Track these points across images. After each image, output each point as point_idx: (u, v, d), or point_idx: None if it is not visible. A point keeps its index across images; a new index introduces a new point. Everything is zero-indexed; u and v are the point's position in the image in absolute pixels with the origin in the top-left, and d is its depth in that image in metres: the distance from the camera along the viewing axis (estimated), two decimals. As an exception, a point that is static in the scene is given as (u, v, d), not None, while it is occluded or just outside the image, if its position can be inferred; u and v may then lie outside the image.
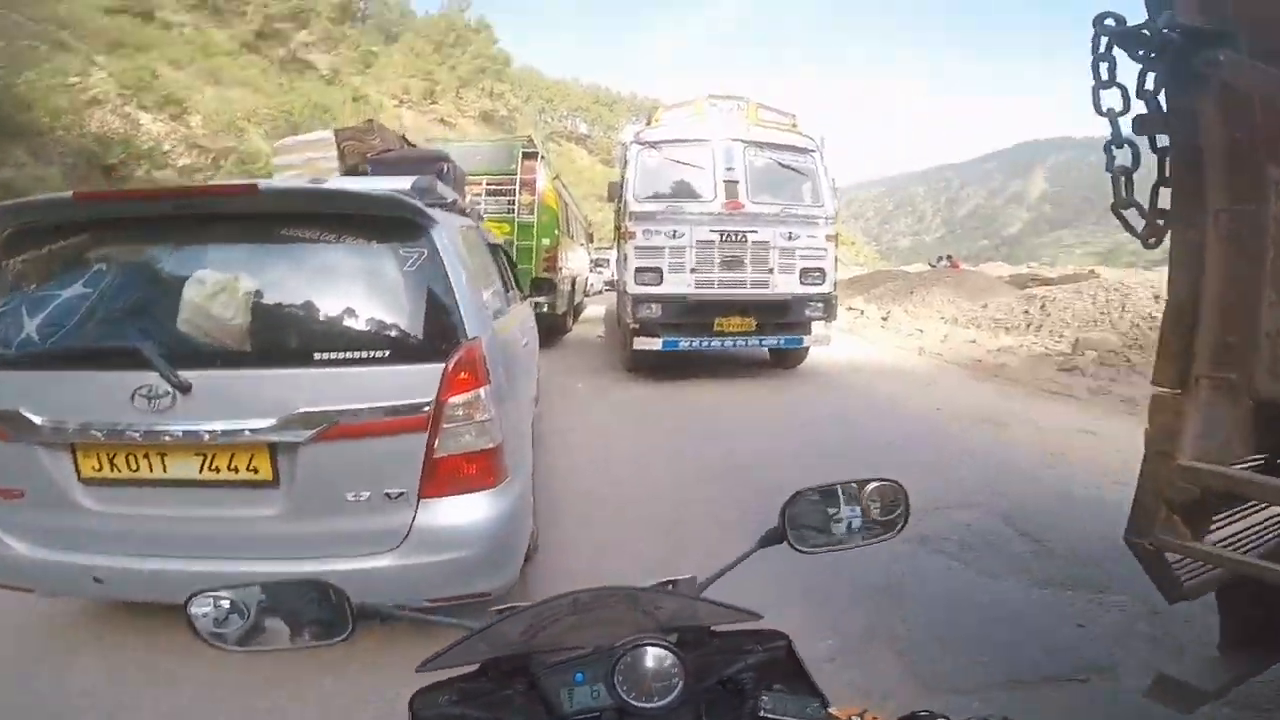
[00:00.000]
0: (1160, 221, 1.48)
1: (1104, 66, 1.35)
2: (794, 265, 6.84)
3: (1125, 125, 1.42)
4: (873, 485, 0.99)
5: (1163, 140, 1.46)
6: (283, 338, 1.92)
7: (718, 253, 6.63)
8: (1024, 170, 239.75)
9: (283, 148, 4.67)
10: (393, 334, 1.92)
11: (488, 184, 8.67)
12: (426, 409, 1.87)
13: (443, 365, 1.89)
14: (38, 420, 1.82)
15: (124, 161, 11.98)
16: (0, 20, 13.56)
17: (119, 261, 1.98)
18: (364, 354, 1.87)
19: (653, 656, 0.75)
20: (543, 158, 9.26)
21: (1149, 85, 1.35)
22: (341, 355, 1.86)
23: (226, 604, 0.82)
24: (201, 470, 1.88)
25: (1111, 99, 1.39)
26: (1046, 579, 2.76)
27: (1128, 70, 1.35)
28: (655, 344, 6.67)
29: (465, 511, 1.97)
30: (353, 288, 1.96)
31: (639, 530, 3.34)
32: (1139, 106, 1.38)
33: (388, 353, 1.89)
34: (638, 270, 6.62)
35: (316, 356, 1.86)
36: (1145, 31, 1.28)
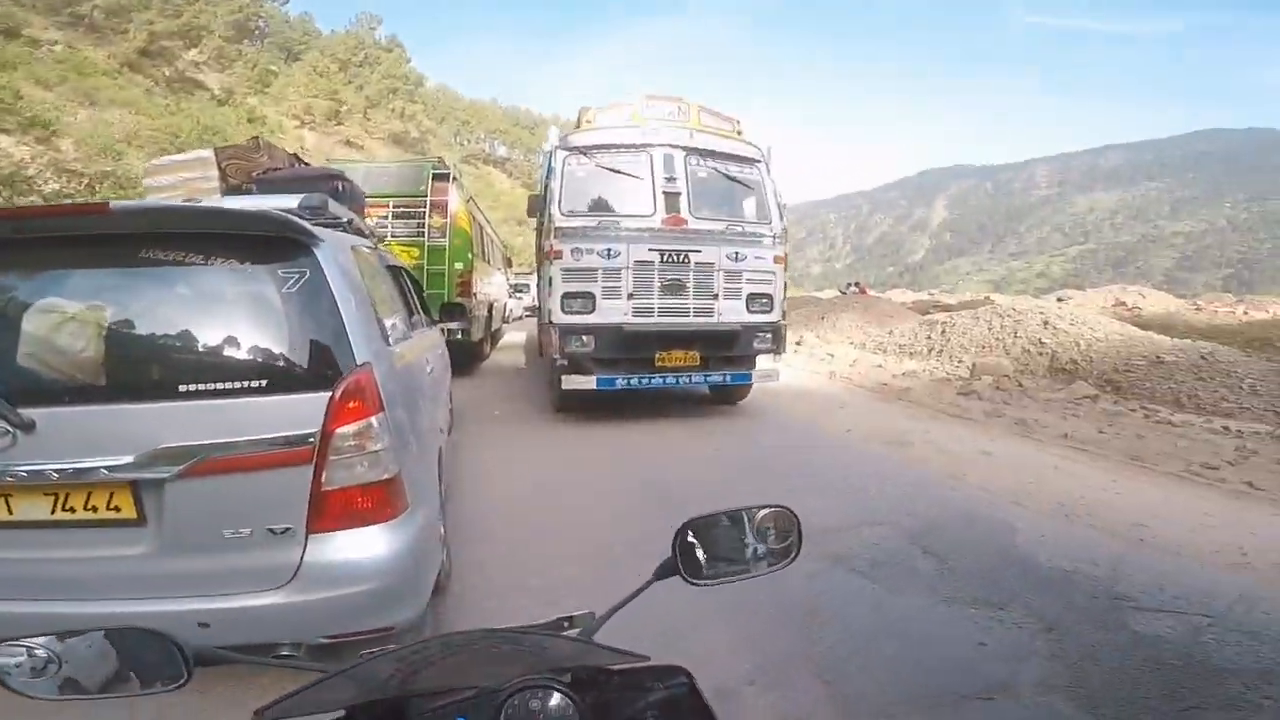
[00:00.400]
0: None
1: None
2: (740, 290, 6.03)
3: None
4: (765, 512, 0.96)
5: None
6: (143, 369, 1.76)
7: (658, 275, 5.75)
8: (927, 198, 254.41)
9: (154, 168, 4.28)
10: (272, 362, 1.79)
11: (395, 206, 8.39)
12: (311, 440, 1.75)
13: (329, 394, 1.78)
14: None
15: (-20, 189, 10.78)
16: None
17: None
18: (238, 384, 1.74)
19: (545, 698, 0.69)
20: (455, 179, 9.06)
21: None
22: (211, 387, 1.72)
23: (42, 654, 0.76)
24: (55, 510, 1.70)
25: None
26: (951, 596, 2.84)
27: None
28: (588, 383, 5.75)
29: (361, 545, 1.85)
30: (224, 313, 1.81)
31: (557, 558, 3.26)
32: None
33: (265, 382, 1.76)
34: (566, 296, 5.67)
35: (182, 389, 1.71)
36: None
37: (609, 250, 5.69)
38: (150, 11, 27.85)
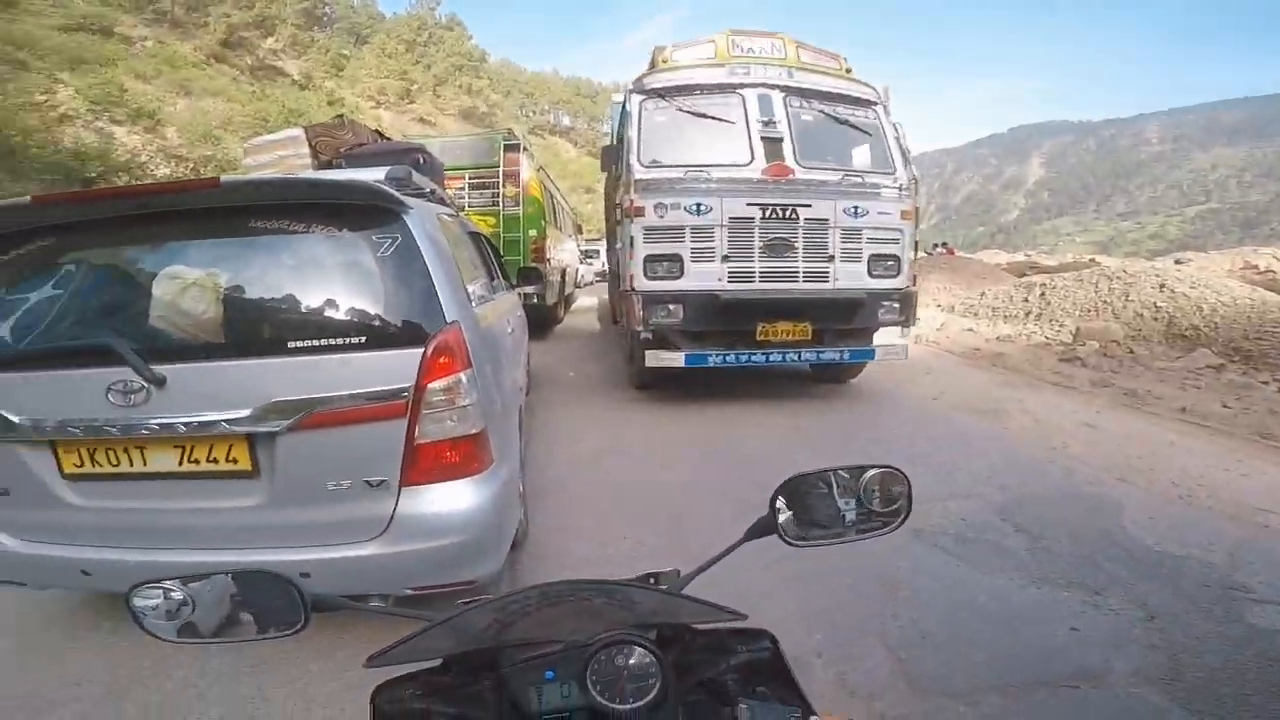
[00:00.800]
0: None
1: None
2: (860, 251, 5.11)
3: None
4: (872, 473, 0.91)
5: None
6: (257, 329, 1.89)
7: (759, 234, 4.91)
8: (1020, 155, 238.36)
9: (253, 147, 4.57)
10: (369, 320, 1.89)
11: (470, 178, 8.64)
12: (406, 395, 1.84)
13: (421, 350, 1.86)
14: (16, 420, 1.80)
15: (102, 175, 11.87)
16: None
17: (89, 262, 1.95)
18: (340, 341, 1.84)
19: (629, 655, 0.70)
20: (525, 149, 9.18)
21: None
22: (317, 343, 1.83)
23: (178, 595, 0.79)
24: (181, 462, 1.86)
25: None
26: (1042, 577, 2.69)
27: None
28: (675, 359, 4.97)
29: (449, 499, 1.94)
30: (326, 276, 1.92)
31: (632, 517, 3.31)
32: None
33: (364, 339, 1.85)
34: (649, 260, 4.92)
35: (291, 345, 1.83)
36: None
37: (698, 205, 4.87)
38: (225, 4, 29.21)
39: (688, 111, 5.10)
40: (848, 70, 5.56)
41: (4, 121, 10.34)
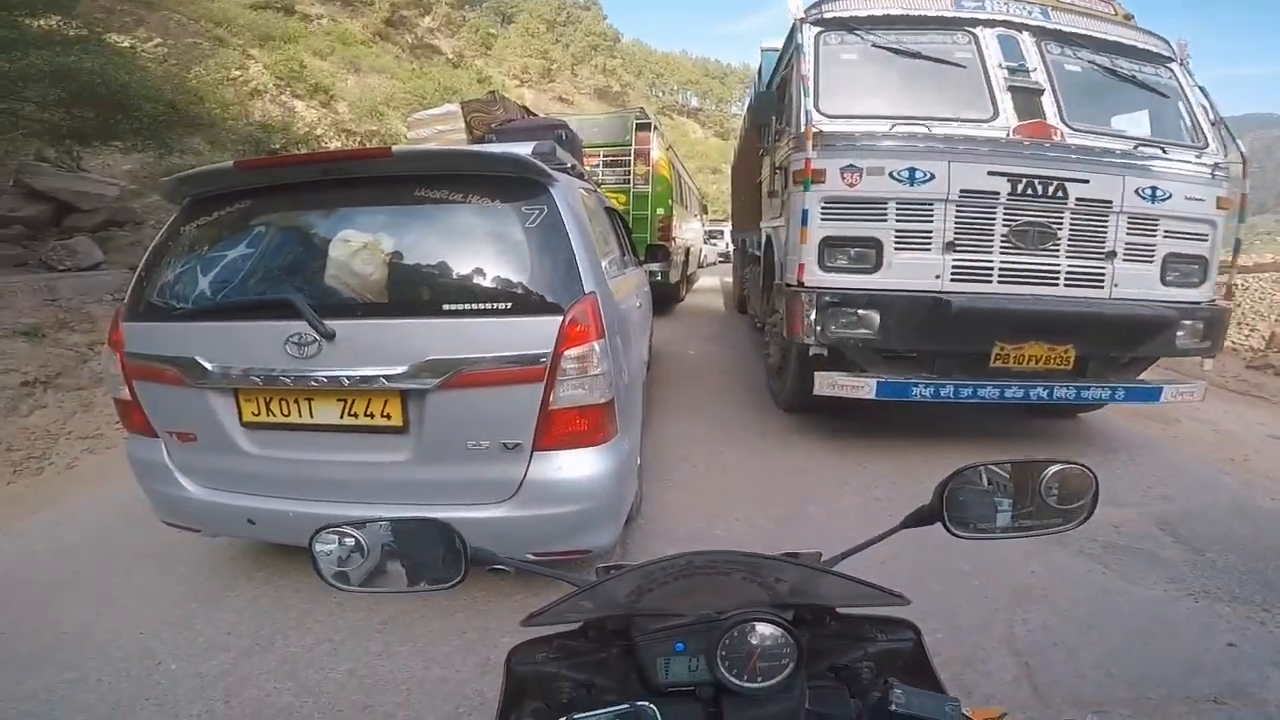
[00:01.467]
0: None
1: None
2: (1153, 248, 3.64)
3: None
4: (1054, 469, 0.85)
5: None
6: (416, 291, 2.02)
7: (1004, 216, 3.51)
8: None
9: (415, 122, 4.95)
10: (514, 288, 1.96)
11: (604, 155, 8.79)
12: (544, 360, 1.91)
13: (560, 318, 1.91)
14: (209, 366, 2.02)
15: (284, 146, 13.19)
16: (166, 19, 15.36)
17: (275, 224, 2.16)
18: (489, 306, 1.93)
19: (763, 633, 0.67)
20: (656, 128, 9.20)
21: None
22: (468, 307, 1.93)
23: (351, 541, 0.81)
24: (342, 415, 2.02)
25: None
26: (1200, 590, 2.44)
27: None
28: (861, 387, 3.53)
29: (575, 465, 2.00)
30: (479, 244, 2.02)
31: (747, 499, 3.26)
32: None
33: (509, 305, 1.93)
34: (829, 244, 3.61)
35: (445, 308, 1.94)
36: None
37: (912, 172, 3.47)
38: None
39: (890, 49, 3.72)
40: (1126, 16, 4.11)
41: (208, 94, 11.70)
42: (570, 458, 2.00)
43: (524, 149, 2.78)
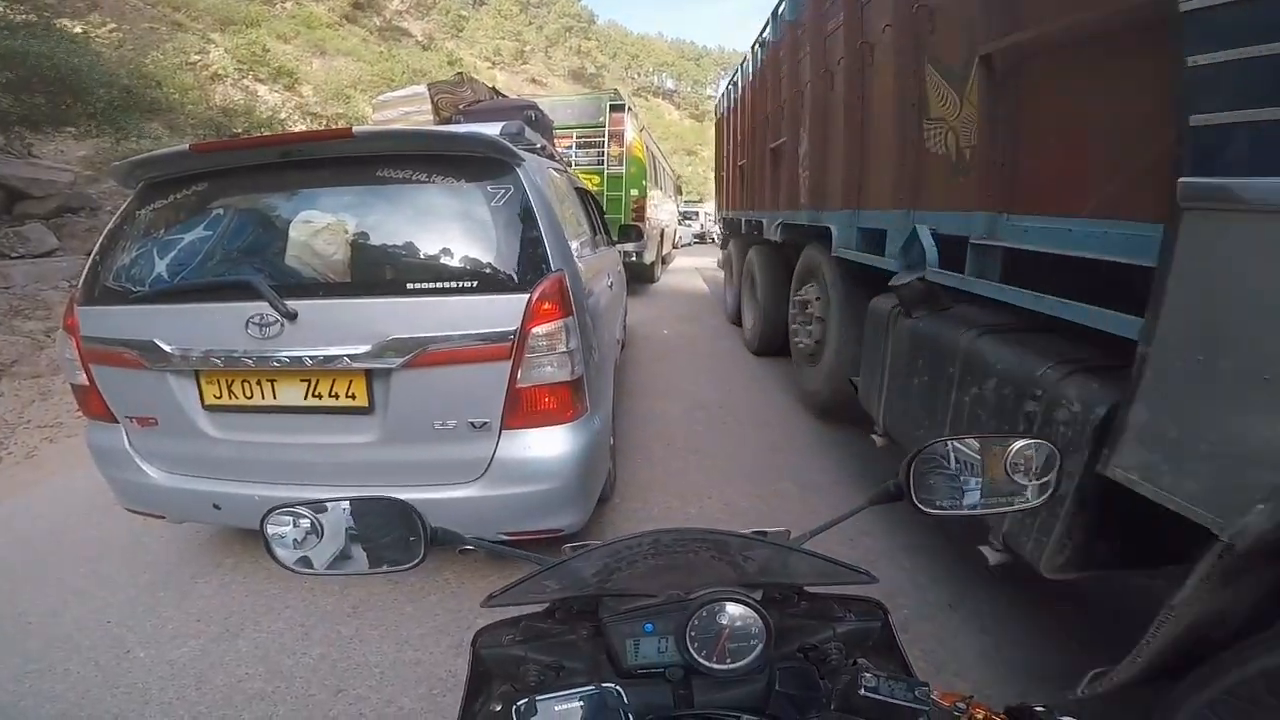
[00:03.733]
0: None
1: None
2: None
3: None
4: (1019, 445, 0.84)
5: None
6: (379, 270, 1.99)
7: None
8: None
9: (380, 104, 4.86)
10: (480, 266, 1.95)
11: (577, 137, 8.83)
12: (511, 338, 1.91)
13: (527, 296, 1.91)
14: (168, 349, 1.99)
15: (246, 130, 12.88)
16: (121, 4, 14.83)
17: (234, 206, 2.11)
18: (454, 284, 1.92)
19: (732, 613, 0.67)
20: (630, 110, 9.17)
21: None
22: (432, 286, 1.92)
23: (306, 522, 0.78)
24: (306, 396, 2.00)
25: None
26: None
27: None
28: None
29: (544, 444, 2.01)
30: (443, 223, 2.01)
31: (721, 478, 3.31)
32: None
33: (475, 284, 1.93)
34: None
35: (409, 287, 1.93)
36: None
37: None
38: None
39: None
40: None
41: (165, 79, 11.37)
42: (539, 436, 2.01)
43: (492, 130, 2.76)
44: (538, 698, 0.62)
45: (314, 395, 2.00)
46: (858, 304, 3.18)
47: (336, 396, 2.00)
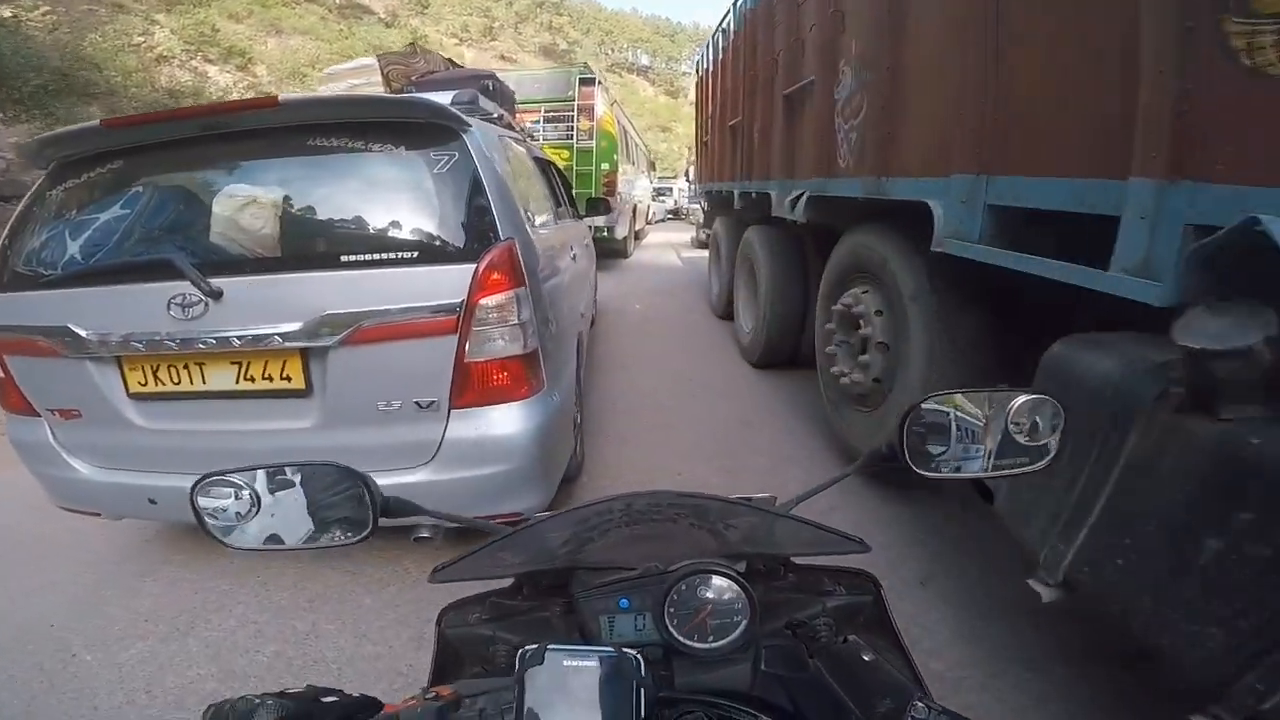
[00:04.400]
0: None
1: None
2: None
3: None
4: (1020, 401, 0.76)
5: None
6: (311, 244, 1.88)
7: None
8: None
9: (327, 77, 4.67)
10: (423, 236, 1.85)
11: (546, 111, 8.69)
12: (457, 310, 1.80)
13: (474, 265, 1.81)
14: (84, 334, 1.86)
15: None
16: None
17: (154, 184, 1.98)
18: (394, 256, 1.81)
19: (715, 587, 0.62)
20: (600, 84, 9.03)
21: None
22: (369, 258, 1.81)
23: (245, 493, 0.70)
24: (238, 380, 1.89)
25: None
26: None
27: None
28: None
29: (497, 423, 1.91)
30: (382, 192, 1.89)
31: (692, 453, 3.25)
32: None
33: (416, 254, 1.82)
34: None
35: (344, 259, 1.81)
36: None
37: None
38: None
39: None
40: None
41: (105, 62, 10.96)
42: (491, 415, 1.91)
43: (443, 99, 2.67)
44: (549, 646, 0.55)
45: (246, 379, 1.89)
46: (989, 343, 2.21)
47: (271, 379, 1.88)
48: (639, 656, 0.57)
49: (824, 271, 3.19)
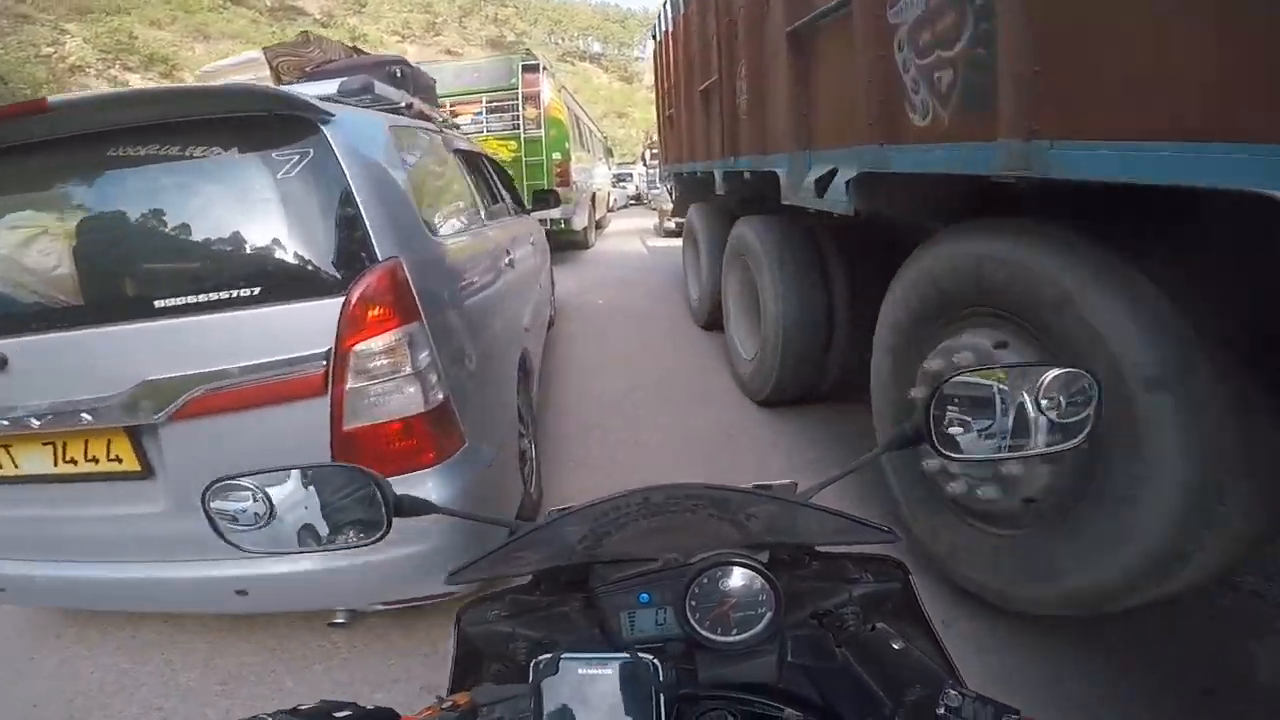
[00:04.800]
0: None
1: None
2: None
3: None
4: (1051, 375, 0.72)
5: None
6: (118, 285, 1.44)
7: None
8: None
9: (206, 74, 4.06)
10: (268, 265, 1.40)
11: (488, 102, 8.25)
12: (323, 363, 1.36)
13: (340, 300, 1.37)
14: None
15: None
16: None
17: None
18: (225, 295, 1.37)
19: (738, 578, 0.59)
20: (546, 69, 8.55)
21: None
22: (193, 301, 1.36)
23: (258, 497, 0.71)
24: (56, 463, 1.46)
25: None
26: None
27: None
28: None
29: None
30: (210, 210, 1.44)
31: (665, 475, 2.85)
32: None
33: (257, 290, 1.37)
34: None
35: (159, 305, 1.36)
36: None
37: None
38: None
39: None
40: None
41: (10, 74, 10.26)
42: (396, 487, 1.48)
43: (329, 88, 2.18)
44: (563, 655, 0.54)
45: (66, 461, 1.46)
46: None
47: (96, 460, 1.45)
48: (655, 662, 0.55)
49: (888, 295, 2.05)
